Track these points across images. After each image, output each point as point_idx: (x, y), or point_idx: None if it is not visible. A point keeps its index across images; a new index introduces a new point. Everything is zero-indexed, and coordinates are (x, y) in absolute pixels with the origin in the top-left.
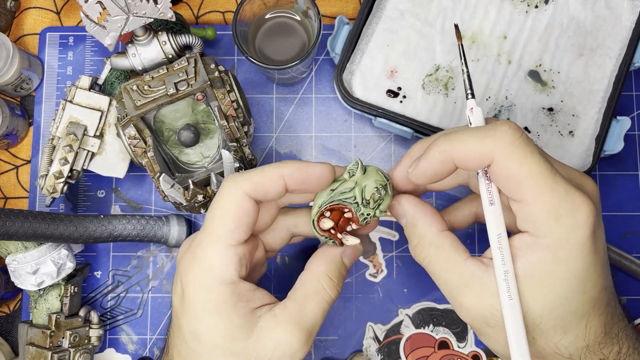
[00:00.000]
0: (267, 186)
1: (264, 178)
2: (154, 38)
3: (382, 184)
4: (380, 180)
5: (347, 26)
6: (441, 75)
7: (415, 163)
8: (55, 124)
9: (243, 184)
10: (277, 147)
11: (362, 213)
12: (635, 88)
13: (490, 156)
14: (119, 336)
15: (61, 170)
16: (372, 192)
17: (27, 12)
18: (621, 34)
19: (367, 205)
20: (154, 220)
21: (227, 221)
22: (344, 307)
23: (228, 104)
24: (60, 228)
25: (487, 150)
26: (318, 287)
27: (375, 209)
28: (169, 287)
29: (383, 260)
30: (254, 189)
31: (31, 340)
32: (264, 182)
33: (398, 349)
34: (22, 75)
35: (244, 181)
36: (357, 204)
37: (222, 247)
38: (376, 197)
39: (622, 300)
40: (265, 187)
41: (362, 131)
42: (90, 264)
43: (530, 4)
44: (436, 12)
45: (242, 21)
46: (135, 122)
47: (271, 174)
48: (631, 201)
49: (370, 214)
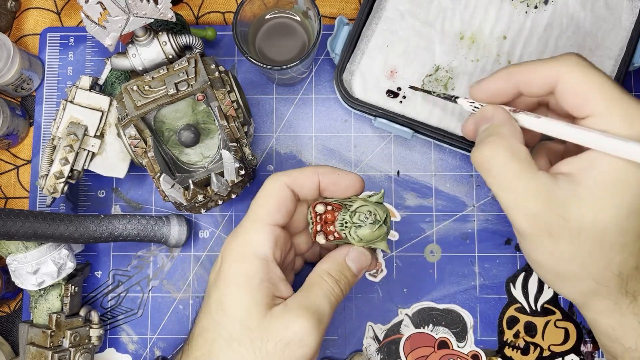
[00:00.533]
0: (303, 180)
1: (301, 173)
2: (155, 38)
3: (379, 218)
4: (381, 215)
5: (347, 26)
6: (441, 76)
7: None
8: (55, 124)
9: (283, 177)
10: (277, 147)
11: (343, 218)
12: (634, 88)
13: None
14: (119, 336)
15: (62, 170)
16: (365, 211)
17: (27, 13)
18: (620, 34)
19: (352, 217)
20: (154, 220)
21: (267, 205)
22: (344, 307)
23: (228, 104)
24: (60, 228)
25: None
26: (320, 280)
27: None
28: (169, 287)
29: (383, 260)
30: (292, 181)
31: (32, 340)
32: (301, 176)
33: (398, 349)
34: (23, 76)
35: (284, 175)
36: (347, 209)
37: (260, 226)
38: (362, 217)
39: None
40: (302, 180)
41: (362, 131)
42: (91, 263)
43: (529, 5)
44: (436, 13)
45: (242, 21)
46: (136, 122)
47: (307, 171)
48: None
49: (347, 223)
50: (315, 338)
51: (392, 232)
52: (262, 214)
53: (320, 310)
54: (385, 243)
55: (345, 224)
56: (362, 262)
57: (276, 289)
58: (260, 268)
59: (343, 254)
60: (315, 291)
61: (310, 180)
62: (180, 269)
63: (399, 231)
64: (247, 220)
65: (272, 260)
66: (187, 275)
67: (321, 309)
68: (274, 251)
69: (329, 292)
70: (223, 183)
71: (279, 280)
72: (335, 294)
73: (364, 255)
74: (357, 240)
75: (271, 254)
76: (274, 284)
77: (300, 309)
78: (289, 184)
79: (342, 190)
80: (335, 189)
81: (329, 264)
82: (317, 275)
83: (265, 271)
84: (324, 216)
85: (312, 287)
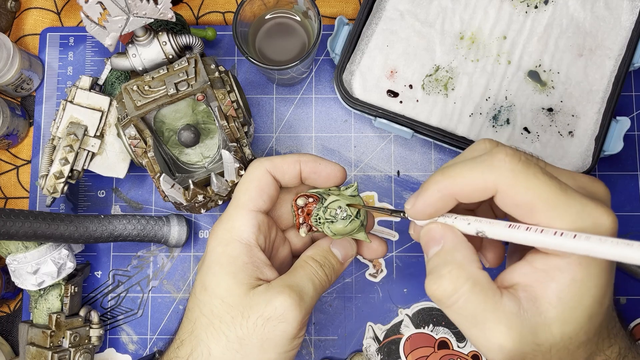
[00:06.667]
0: (285, 167)
1: (283, 160)
2: (154, 38)
3: (350, 212)
4: (352, 210)
5: (347, 26)
6: (441, 76)
7: (412, 200)
8: (55, 124)
9: (265, 163)
10: (277, 147)
11: (317, 214)
12: (634, 88)
13: (493, 187)
14: (119, 336)
15: (62, 170)
16: (336, 207)
17: (27, 13)
18: (620, 34)
19: (324, 213)
20: (154, 220)
21: (249, 191)
22: (344, 307)
23: (228, 104)
24: (60, 228)
25: (489, 182)
26: (304, 264)
27: (325, 221)
28: (169, 287)
29: (383, 260)
30: (273, 167)
31: (31, 340)
32: (282, 163)
33: (398, 349)
34: (23, 76)
35: (266, 161)
36: (321, 204)
37: (243, 212)
38: (333, 213)
39: (622, 300)
40: (284, 167)
41: (362, 131)
42: (91, 263)
43: (529, 5)
44: (436, 13)
45: (242, 22)
46: (136, 122)
47: (290, 158)
48: (630, 201)
49: (320, 219)
50: (296, 315)
51: (392, 232)
52: (244, 200)
53: (303, 289)
54: (364, 234)
55: (319, 220)
56: (347, 249)
57: (260, 273)
58: (244, 251)
59: (328, 242)
60: (299, 273)
61: (292, 167)
62: (180, 269)
63: (399, 231)
64: (231, 207)
65: (255, 245)
66: (187, 275)
67: (304, 289)
68: (257, 236)
69: (313, 275)
70: (223, 183)
71: (263, 264)
72: (320, 277)
73: (349, 242)
74: (332, 234)
75: (254, 239)
76: (257, 267)
77: (282, 287)
78: (271, 170)
79: (323, 179)
80: (316, 178)
81: (313, 250)
82: (302, 260)
83: (249, 255)
84: (306, 209)
85: (296, 270)
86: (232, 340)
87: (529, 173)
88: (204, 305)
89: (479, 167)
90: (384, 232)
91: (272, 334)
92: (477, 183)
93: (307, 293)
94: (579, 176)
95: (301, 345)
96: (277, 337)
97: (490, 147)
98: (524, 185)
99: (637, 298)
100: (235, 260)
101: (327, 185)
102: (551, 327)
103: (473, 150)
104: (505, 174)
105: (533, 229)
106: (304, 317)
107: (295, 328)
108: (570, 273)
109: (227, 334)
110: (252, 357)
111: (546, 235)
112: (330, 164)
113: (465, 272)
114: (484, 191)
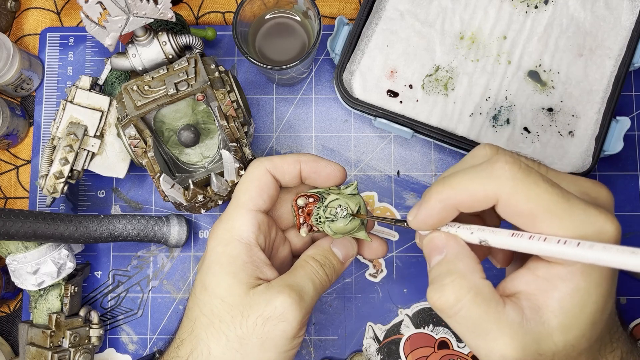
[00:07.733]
0: (285, 167)
1: (283, 160)
2: (154, 38)
3: (350, 211)
4: (352, 208)
5: (347, 26)
6: (441, 76)
7: (414, 210)
8: (55, 124)
9: (265, 163)
10: (277, 147)
11: (317, 213)
12: (634, 88)
13: (494, 197)
14: (119, 336)
15: (61, 170)
16: (336, 206)
17: (27, 13)
18: (620, 34)
19: (325, 212)
20: (154, 220)
21: (249, 190)
22: (344, 307)
23: (228, 104)
24: (60, 228)
25: (490, 192)
26: (304, 264)
27: (325, 220)
28: (169, 287)
29: (383, 260)
30: (273, 167)
31: (31, 340)
32: (282, 163)
33: (398, 349)
34: (23, 76)
35: (266, 160)
36: (322, 203)
37: (243, 211)
38: (333, 212)
39: (622, 300)
40: (284, 167)
41: (362, 131)
42: (91, 263)
43: (529, 5)
44: (436, 13)
45: (242, 21)
46: (136, 122)
47: (290, 158)
48: (631, 201)
49: (320, 218)
50: (296, 315)
51: (392, 232)
52: (244, 200)
53: (303, 289)
54: (364, 233)
55: (319, 219)
56: (347, 249)
57: (260, 272)
58: (244, 251)
59: (329, 242)
60: (299, 272)
61: (292, 167)
62: (180, 269)
63: (399, 231)
64: (231, 206)
65: (255, 244)
66: (187, 276)
67: (304, 289)
68: (256, 236)
69: (313, 274)
70: (223, 183)
71: (263, 264)
72: (320, 277)
73: (350, 242)
74: (333, 233)
75: (254, 239)
76: (257, 266)
77: (282, 287)
78: (271, 170)
79: (323, 179)
80: (316, 178)
81: (314, 250)
82: (302, 259)
83: (249, 254)
84: (306, 209)
85: (296, 270)
86: (232, 339)
87: (530, 181)
88: (204, 305)
89: (479, 177)
90: (384, 232)
91: (272, 334)
92: (478, 193)
93: (307, 293)
94: (582, 180)
95: (301, 345)
96: (277, 337)
97: (490, 153)
98: (524, 194)
99: (637, 298)
100: (235, 260)
101: (327, 185)
102: (553, 336)
103: (473, 157)
104: (506, 182)
105: (536, 237)
106: (304, 317)
107: (295, 328)
108: (573, 282)
109: (227, 333)
110: (252, 357)
111: (549, 243)
112: (330, 163)
113: (468, 281)
114: (485, 201)
